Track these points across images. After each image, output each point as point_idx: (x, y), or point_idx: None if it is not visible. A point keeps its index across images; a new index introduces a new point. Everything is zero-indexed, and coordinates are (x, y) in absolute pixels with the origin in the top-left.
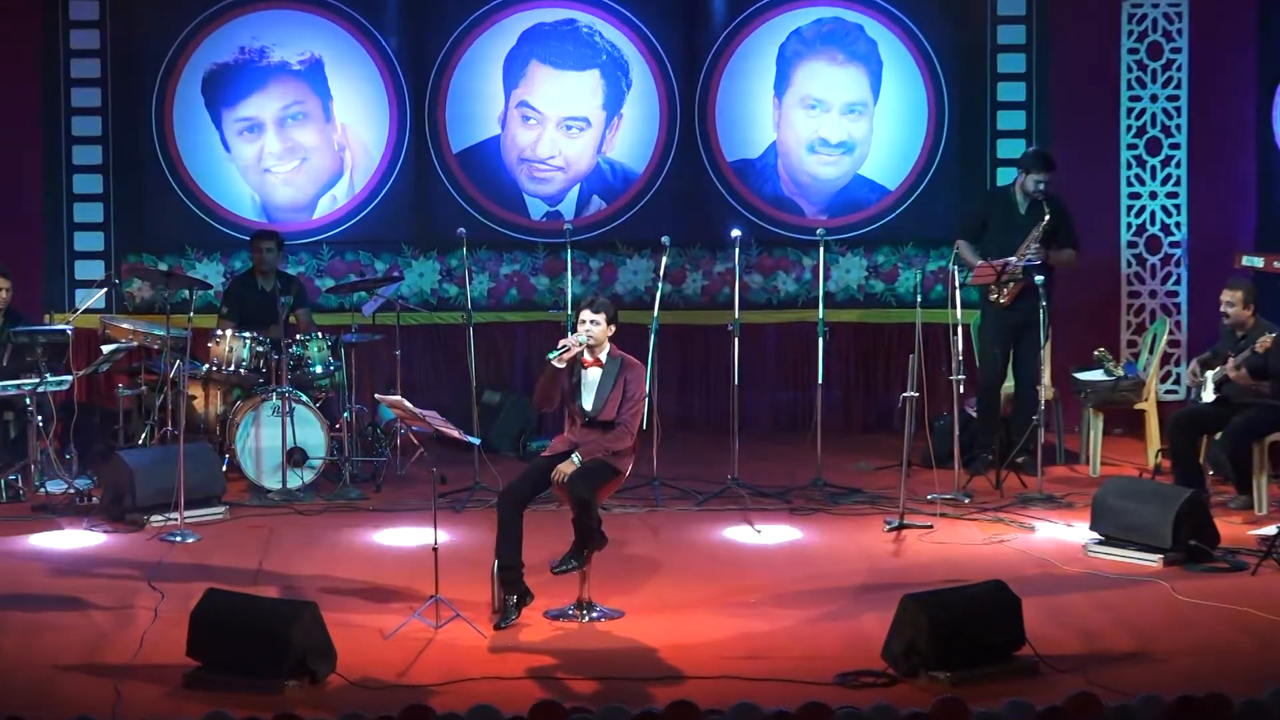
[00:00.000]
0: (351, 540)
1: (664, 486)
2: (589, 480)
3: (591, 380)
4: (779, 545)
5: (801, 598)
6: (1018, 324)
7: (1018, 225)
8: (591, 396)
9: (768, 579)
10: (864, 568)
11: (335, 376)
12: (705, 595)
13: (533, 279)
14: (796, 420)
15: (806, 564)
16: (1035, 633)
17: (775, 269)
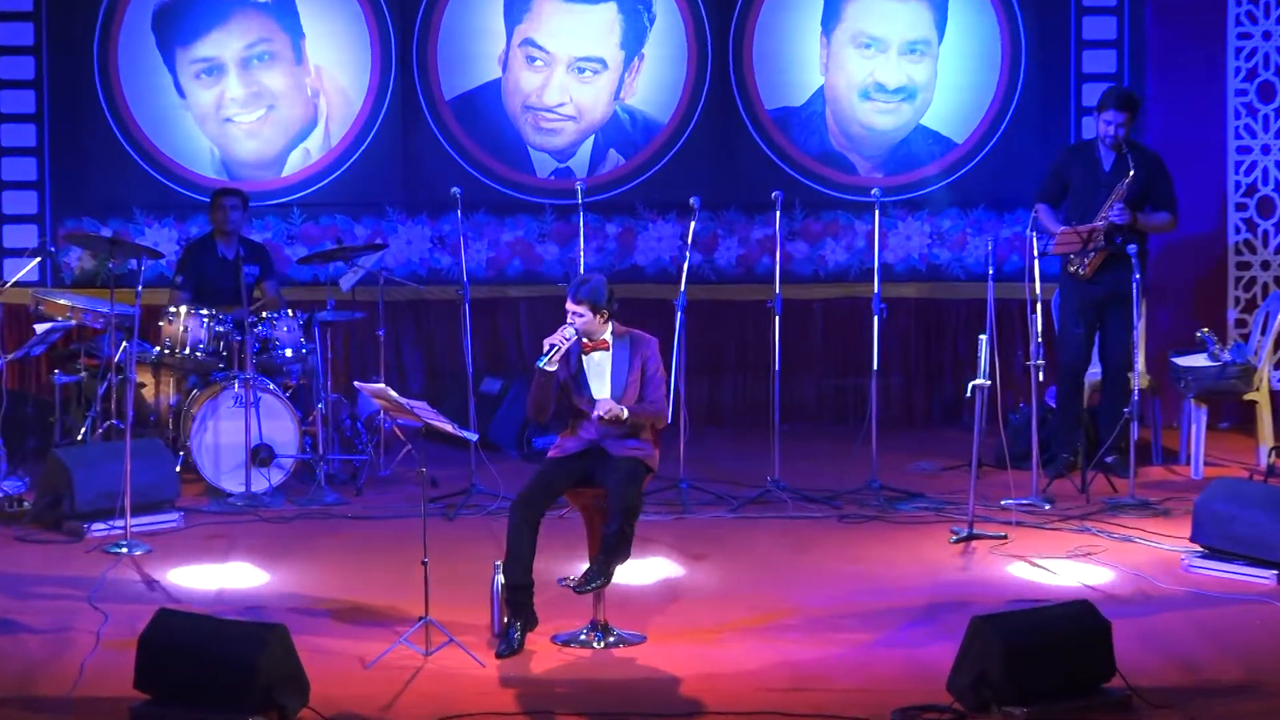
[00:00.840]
0: (327, 552)
1: (692, 490)
2: (636, 483)
3: (600, 365)
4: (824, 559)
5: (853, 620)
6: (1101, 300)
7: (1102, 183)
8: (605, 384)
9: (813, 598)
10: (926, 585)
11: (308, 361)
12: (740, 617)
13: (539, 247)
14: (847, 412)
15: (859, 581)
16: (1127, 662)
17: (822, 236)
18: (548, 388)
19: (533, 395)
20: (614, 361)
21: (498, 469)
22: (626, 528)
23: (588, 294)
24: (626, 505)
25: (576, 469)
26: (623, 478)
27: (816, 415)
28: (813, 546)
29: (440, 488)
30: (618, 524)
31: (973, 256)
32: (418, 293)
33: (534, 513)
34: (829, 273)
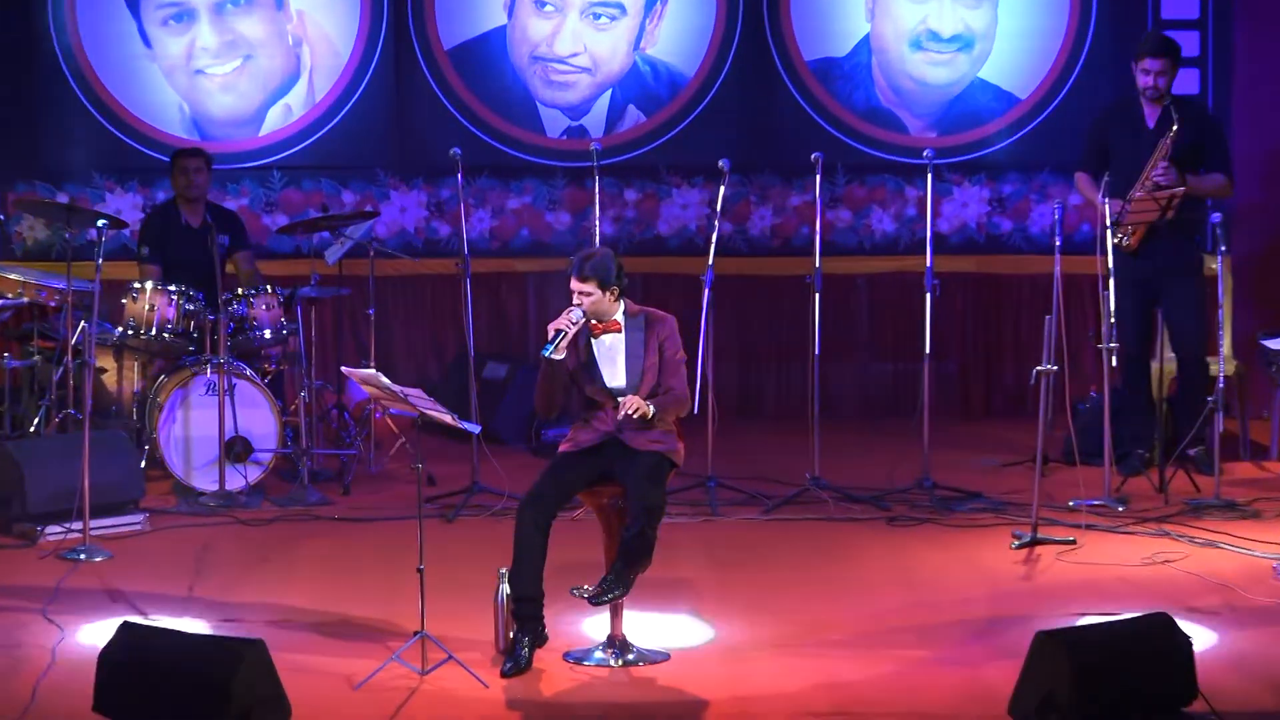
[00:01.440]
0: (311, 558)
1: (721, 488)
2: (659, 481)
3: (612, 349)
4: (870, 566)
5: (903, 635)
6: (1151, 275)
7: (1145, 142)
8: (618, 370)
9: (858, 610)
10: (985, 595)
11: (289, 343)
12: (776, 632)
13: (549, 215)
14: (896, 402)
15: (909, 590)
16: (1211, 682)
17: (868, 202)
18: (556, 379)
19: (539, 388)
20: (627, 344)
21: (503, 465)
22: (648, 530)
23: (594, 269)
24: (648, 505)
25: (592, 465)
26: (644, 474)
27: (861, 405)
28: (857, 552)
29: (438, 486)
30: (638, 526)
31: (1037, 225)
32: (413, 266)
33: (544, 514)
34: (875, 244)
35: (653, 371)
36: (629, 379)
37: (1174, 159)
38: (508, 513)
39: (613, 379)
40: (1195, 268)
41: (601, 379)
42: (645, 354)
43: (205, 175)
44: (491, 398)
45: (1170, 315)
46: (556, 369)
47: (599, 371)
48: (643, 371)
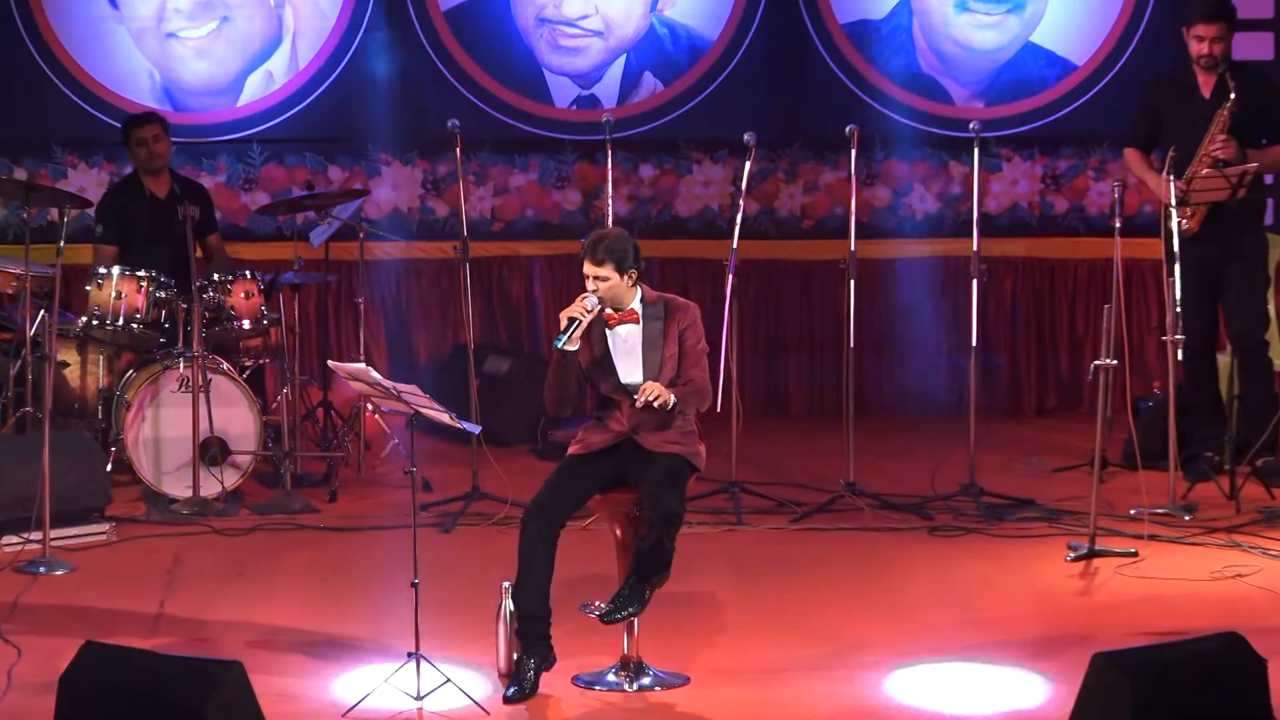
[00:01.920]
0: (294, 571)
1: (746, 495)
2: (678, 486)
3: (628, 340)
4: (910, 581)
5: (947, 657)
6: (1214, 260)
7: (1200, 114)
8: (635, 363)
9: (896, 630)
10: (1037, 613)
11: (270, 335)
12: (805, 653)
13: (557, 194)
14: (940, 399)
15: (954, 608)
16: None
17: (908, 179)
18: (568, 373)
19: (550, 384)
20: (645, 335)
21: (505, 469)
22: (666, 541)
23: (609, 251)
24: (666, 513)
25: (604, 469)
26: (661, 479)
27: (901, 402)
28: (896, 566)
29: (434, 492)
30: (655, 536)
31: (1096, 205)
32: (407, 250)
33: (552, 524)
34: (916, 225)
35: (672, 363)
36: (646, 372)
37: (1232, 131)
38: (511, 522)
39: (629, 374)
40: (1260, 252)
41: (617, 374)
42: (664, 344)
43: (165, 143)
44: (493, 395)
45: (1231, 304)
46: (570, 361)
47: (614, 365)
48: (661, 363)
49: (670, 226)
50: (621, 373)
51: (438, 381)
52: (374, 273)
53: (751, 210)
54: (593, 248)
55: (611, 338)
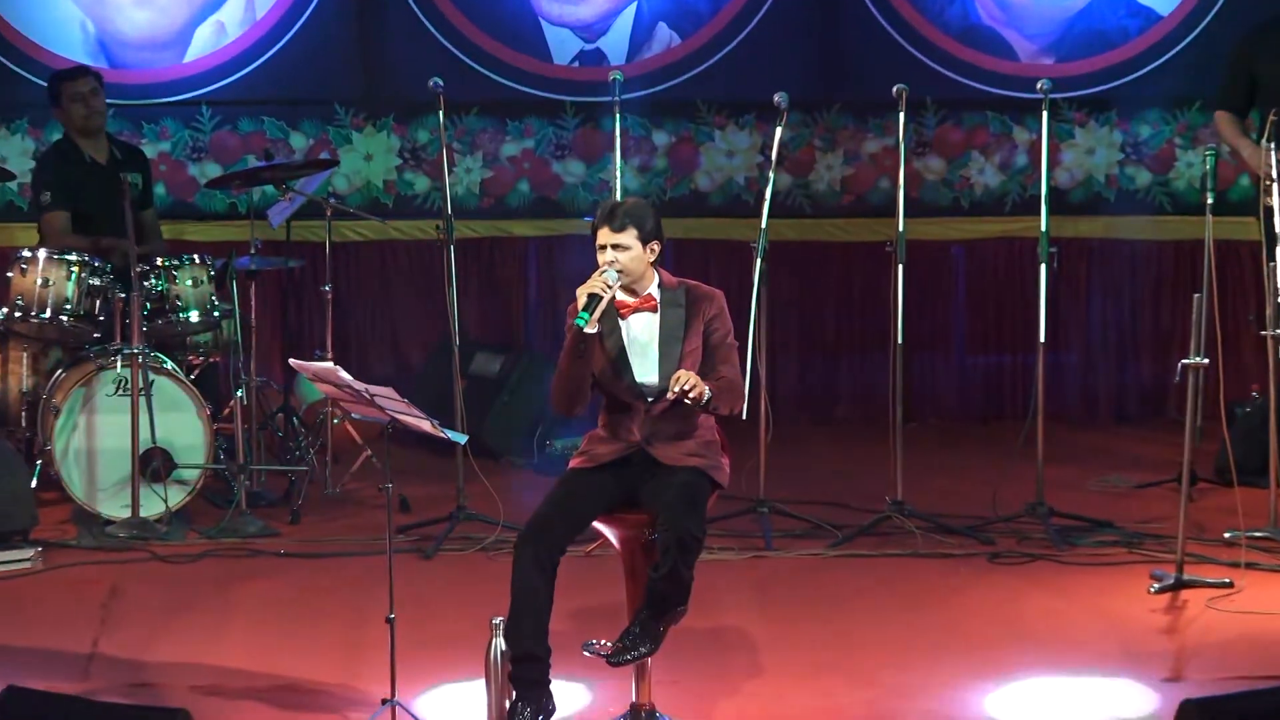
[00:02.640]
0: (250, 604)
1: (777, 516)
2: (697, 505)
3: (643, 334)
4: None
5: (1012, 703)
6: None
7: None
8: (650, 359)
9: (953, 672)
10: (1116, 652)
11: (223, 329)
12: (844, 701)
13: (557, 165)
14: (1000, 403)
15: (1019, 647)
16: None
17: (966, 148)
18: (586, 362)
19: (562, 377)
20: (663, 326)
21: (496, 485)
22: (683, 569)
23: (630, 216)
24: (683, 536)
25: (611, 485)
26: (678, 497)
27: (957, 408)
28: (952, 599)
29: (413, 512)
30: (670, 564)
31: (1184, 179)
32: (381, 230)
33: (551, 549)
34: (975, 202)
35: (694, 359)
36: (663, 370)
37: None
38: (503, 547)
39: (644, 372)
40: None
41: (631, 372)
42: (685, 336)
43: (101, 99)
44: (482, 398)
45: None
46: (589, 348)
47: (628, 362)
48: (680, 359)
49: (689, 203)
50: (636, 371)
51: (417, 383)
52: (344, 257)
53: (783, 184)
54: (609, 213)
55: (625, 330)
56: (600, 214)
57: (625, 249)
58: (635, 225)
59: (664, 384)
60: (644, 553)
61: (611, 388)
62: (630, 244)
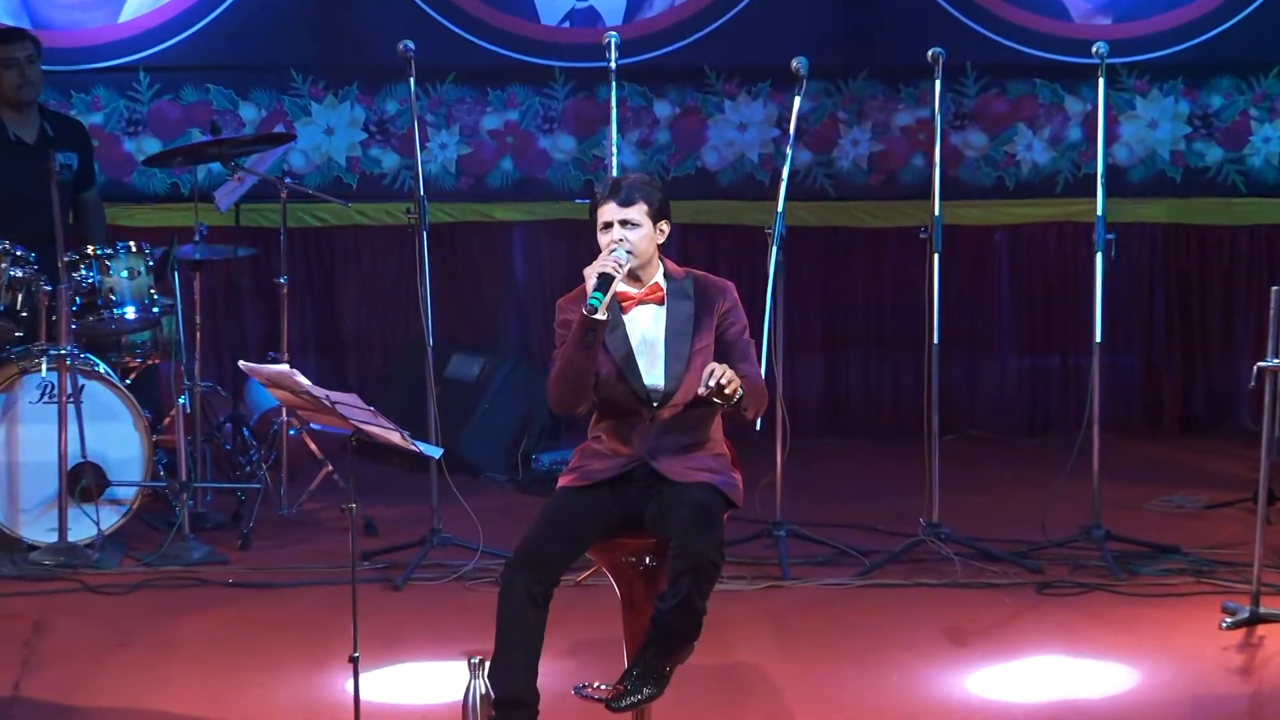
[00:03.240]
0: (194, 641)
1: (796, 540)
2: (713, 526)
3: (650, 329)
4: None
5: None
6: None
7: None
8: (657, 359)
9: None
10: (1183, 697)
11: (164, 327)
12: None
13: (544, 139)
14: (1050, 412)
15: (1070, 689)
16: None
17: (1012, 120)
18: (594, 353)
19: (567, 369)
20: (670, 320)
21: (475, 505)
22: (696, 599)
23: (640, 191)
24: (698, 561)
25: (609, 505)
26: (692, 516)
27: (1000, 416)
28: (994, 635)
29: (381, 536)
30: (683, 593)
31: (1260, 155)
32: (344, 215)
33: (545, 579)
34: (1023, 181)
35: (705, 358)
36: (671, 370)
37: None
38: (483, 576)
39: (651, 373)
40: None
41: (637, 374)
42: (696, 333)
43: (38, 68)
44: (460, 406)
45: None
46: (599, 337)
47: (633, 362)
48: (690, 357)
49: (695, 183)
50: (643, 371)
51: (385, 389)
52: (302, 245)
53: (802, 162)
54: (615, 187)
55: (628, 326)
56: (604, 188)
57: (635, 226)
58: (645, 200)
59: (672, 387)
60: (643, 581)
61: (611, 391)
62: (640, 221)
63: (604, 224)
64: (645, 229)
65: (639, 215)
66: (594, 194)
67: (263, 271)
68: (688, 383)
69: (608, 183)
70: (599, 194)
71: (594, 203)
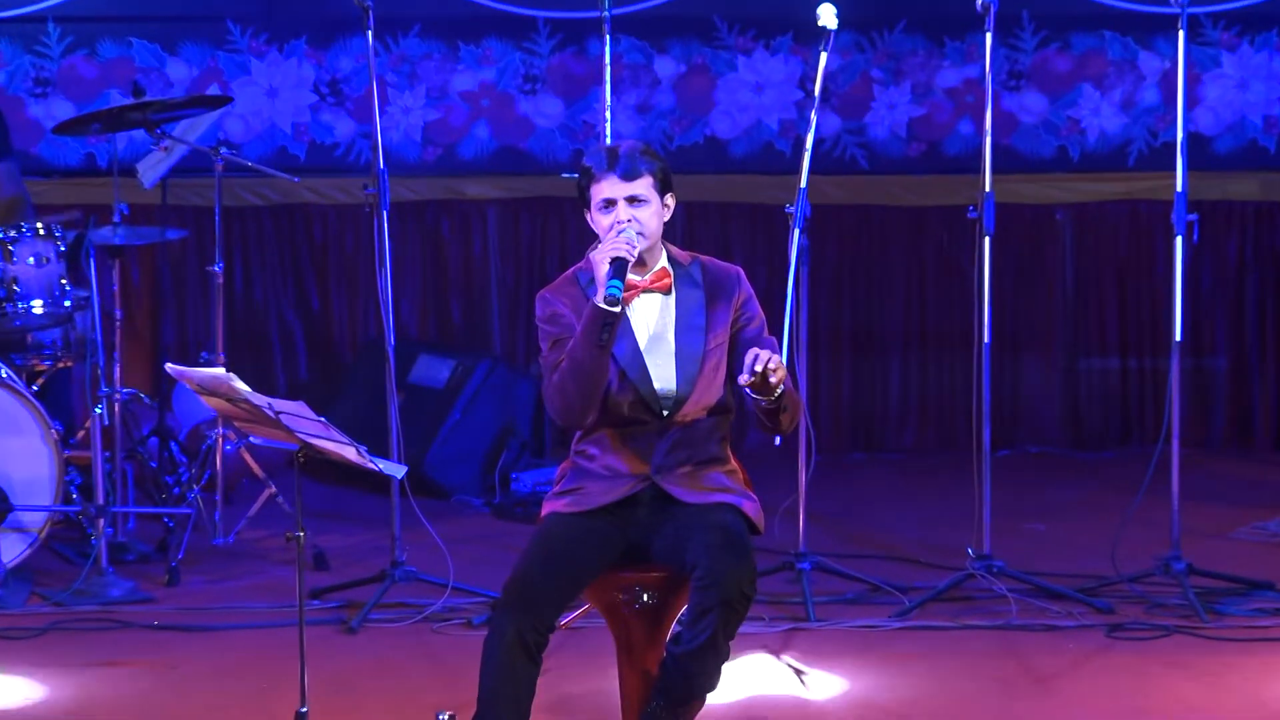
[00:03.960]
0: (114, 694)
1: (822, 574)
2: (745, 554)
3: (657, 323)
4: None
5: None
6: None
7: None
8: (668, 357)
9: None
10: None
11: (75, 324)
12: None
13: (525, 102)
14: (1122, 423)
15: None
16: None
17: (1075, 81)
18: (608, 351)
19: (577, 373)
20: (679, 312)
21: (445, 532)
22: (721, 640)
23: (644, 162)
24: (729, 593)
25: (613, 534)
26: (721, 542)
27: (1064, 429)
28: (1056, 686)
29: (333, 570)
30: (708, 631)
31: None
32: (291, 191)
33: (539, 624)
34: (1088, 152)
35: (719, 357)
36: (683, 371)
37: None
38: (452, 617)
39: (660, 375)
40: None
41: (646, 375)
42: (709, 327)
43: None
44: (427, 417)
45: None
46: (615, 331)
47: (641, 362)
48: (702, 356)
49: (703, 153)
50: (651, 372)
51: (340, 396)
52: (240, 227)
53: (830, 128)
54: (613, 158)
55: (630, 322)
56: (600, 160)
57: (642, 203)
58: (649, 171)
59: (685, 391)
60: (642, 622)
61: (614, 398)
62: (647, 196)
63: (604, 202)
64: (653, 205)
65: (645, 189)
66: (585, 168)
67: (194, 258)
68: (701, 386)
69: (600, 154)
70: (591, 168)
71: (586, 178)
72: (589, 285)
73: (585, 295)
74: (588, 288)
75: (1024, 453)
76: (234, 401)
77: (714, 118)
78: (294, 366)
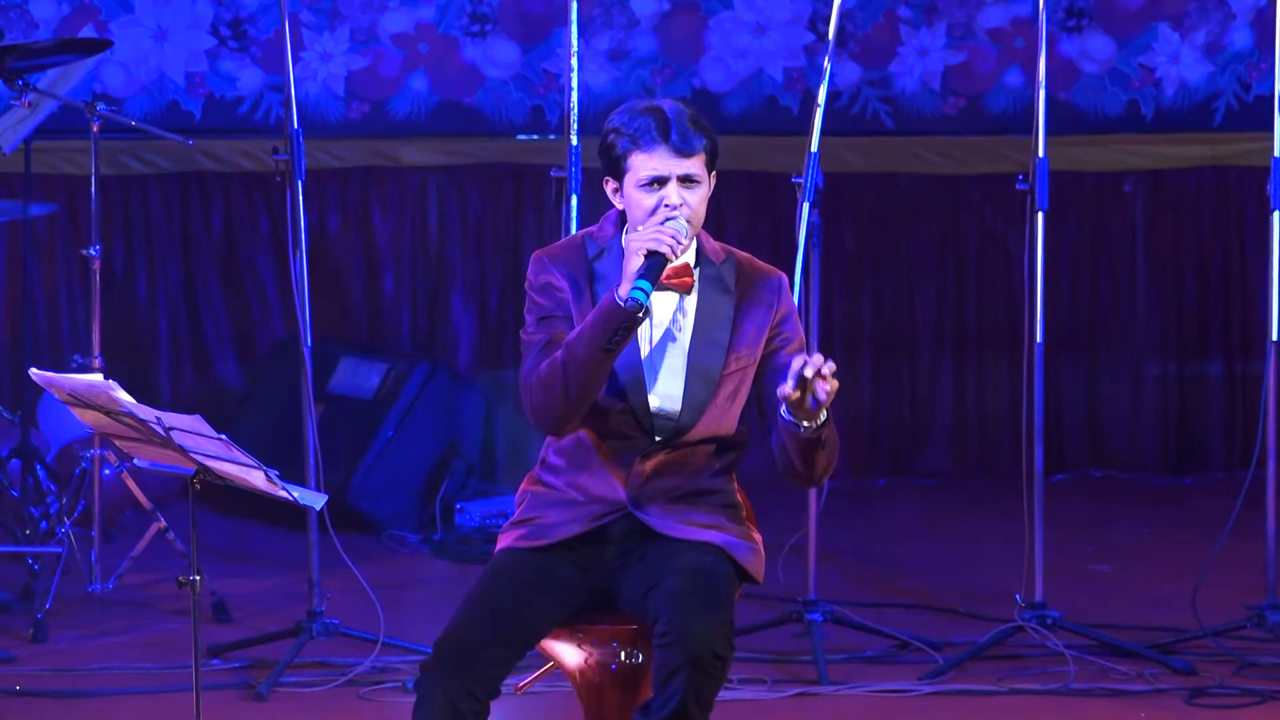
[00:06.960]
0: None
1: (836, 627)
2: (721, 606)
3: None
4: None
5: None
6: None
7: None
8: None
9: None
10: None
11: None
12: None
13: (472, 46)
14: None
15: None
16: None
17: (1146, 22)
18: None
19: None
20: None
21: (375, 577)
22: (693, 708)
23: (702, 135)
24: (698, 654)
25: (574, 575)
26: (689, 589)
27: (1132, 448)
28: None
29: (236, 623)
30: (676, 698)
31: None
32: (185, 157)
33: (477, 689)
34: (1163, 111)
35: (742, 379)
36: (693, 389)
37: None
38: (384, 679)
39: (665, 387)
40: None
41: (642, 390)
42: (734, 341)
43: None
44: (351, 434)
45: None
46: (629, 337)
47: (639, 373)
48: (719, 380)
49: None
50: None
51: (244, 408)
52: (123, 201)
53: (847, 79)
54: (664, 124)
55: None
56: (646, 125)
57: (695, 184)
58: (704, 147)
59: (689, 419)
60: (617, 687)
61: (599, 409)
62: (701, 177)
63: (652, 180)
64: (704, 188)
65: (699, 169)
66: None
67: (65, 239)
68: (710, 417)
69: (646, 117)
70: (636, 133)
71: (629, 144)
72: (596, 258)
73: (591, 270)
74: (594, 261)
75: (1084, 477)
76: (114, 415)
77: (704, 66)
78: (185, 372)
